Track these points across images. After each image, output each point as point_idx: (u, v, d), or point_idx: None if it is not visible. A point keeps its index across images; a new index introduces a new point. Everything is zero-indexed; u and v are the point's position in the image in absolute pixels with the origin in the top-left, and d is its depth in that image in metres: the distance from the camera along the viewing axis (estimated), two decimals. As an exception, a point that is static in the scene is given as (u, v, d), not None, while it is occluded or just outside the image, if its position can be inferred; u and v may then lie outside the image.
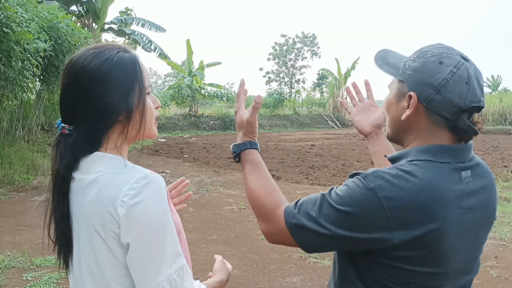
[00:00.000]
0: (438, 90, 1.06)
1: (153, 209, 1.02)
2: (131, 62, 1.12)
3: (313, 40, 54.91)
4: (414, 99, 1.09)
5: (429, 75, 1.07)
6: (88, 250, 1.07)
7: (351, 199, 1.05)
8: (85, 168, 1.09)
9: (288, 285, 4.02)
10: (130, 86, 1.10)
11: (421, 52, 1.13)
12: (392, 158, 1.17)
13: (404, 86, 1.14)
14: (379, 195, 1.02)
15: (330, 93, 32.40)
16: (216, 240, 5.29)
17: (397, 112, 1.17)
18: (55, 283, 3.95)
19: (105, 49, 1.11)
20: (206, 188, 8.26)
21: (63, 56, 9.18)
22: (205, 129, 23.52)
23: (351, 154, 13.64)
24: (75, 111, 1.10)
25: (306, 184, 8.92)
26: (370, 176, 1.06)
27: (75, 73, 1.09)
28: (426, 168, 1.06)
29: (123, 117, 1.10)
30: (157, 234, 1.02)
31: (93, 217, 1.04)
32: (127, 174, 1.05)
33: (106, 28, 18.61)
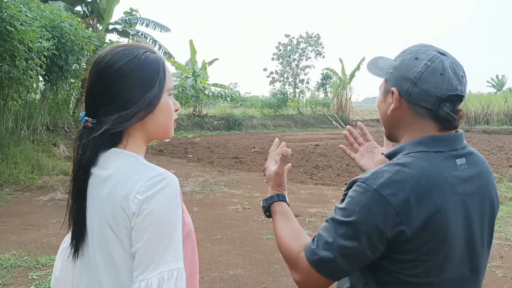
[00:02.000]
0: (415, 83, 1.15)
1: (164, 207, 1.04)
2: (156, 62, 1.16)
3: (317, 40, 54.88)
4: (396, 94, 1.19)
5: (406, 70, 1.17)
6: (102, 243, 1.10)
7: (358, 206, 1.09)
8: (103, 163, 1.12)
9: (293, 284, 4.01)
10: (153, 84, 1.14)
11: (402, 52, 1.23)
12: (389, 154, 1.24)
13: (388, 84, 1.24)
14: (384, 193, 1.07)
15: (334, 93, 32.31)
16: (220, 239, 5.29)
17: (385, 108, 1.26)
18: (60, 282, 3.96)
19: (133, 47, 1.17)
20: (211, 188, 8.27)
21: (67, 56, 9.22)
22: (209, 129, 23.52)
23: (356, 154, 13.58)
24: (98, 105, 1.13)
25: (311, 184, 8.91)
26: (370, 179, 1.10)
27: (102, 68, 1.13)
28: (421, 159, 1.13)
29: (144, 113, 1.13)
30: (164, 232, 1.04)
31: (107, 212, 1.08)
32: (142, 171, 1.08)
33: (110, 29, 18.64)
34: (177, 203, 1.07)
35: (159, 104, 1.15)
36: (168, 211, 1.04)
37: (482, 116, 28.28)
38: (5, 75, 7.08)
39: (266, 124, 26.72)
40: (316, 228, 5.73)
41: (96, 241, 1.12)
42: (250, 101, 29.24)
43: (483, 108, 28.37)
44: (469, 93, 31.97)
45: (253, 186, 8.59)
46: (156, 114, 1.15)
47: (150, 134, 1.18)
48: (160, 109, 1.15)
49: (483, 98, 30.38)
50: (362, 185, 1.10)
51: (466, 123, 26.89)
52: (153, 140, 1.23)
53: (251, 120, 26.38)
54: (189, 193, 7.80)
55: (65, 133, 12.37)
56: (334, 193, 7.96)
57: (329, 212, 6.51)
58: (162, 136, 1.20)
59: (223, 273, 4.26)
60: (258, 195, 7.72)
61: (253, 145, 15.83)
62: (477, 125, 27.10)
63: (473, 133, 23.34)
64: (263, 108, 28.61)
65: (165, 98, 1.17)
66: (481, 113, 28.42)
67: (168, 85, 1.18)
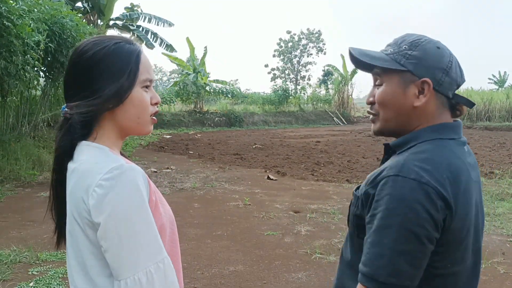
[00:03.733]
0: (447, 72, 1.16)
1: (123, 200, 1.01)
2: (128, 53, 1.14)
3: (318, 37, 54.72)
4: (430, 84, 1.15)
5: (437, 60, 1.16)
6: (72, 238, 1.10)
7: (404, 201, 1.03)
8: (74, 157, 1.12)
9: (294, 280, 4.00)
10: (121, 73, 1.12)
11: (411, 42, 1.19)
12: (398, 144, 1.22)
13: (409, 75, 1.17)
14: (424, 181, 1.04)
15: (335, 89, 32.25)
16: (221, 235, 5.27)
17: (405, 100, 1.19)
18: (60, 278, 3.95)
19: (107, 38, 1.16)
20: (212, 184, 8.25)
21: (68, 52, 9.19)
22: (210, 126, 23.52)
23: (357, 151, 13.59)
24: (70, 94, 1.14)
25: (312, 180, 8.89)
26: (403, 170, 1.07)
27: (74, 58, 1.14)
28: (441, 146, 1.14)
29: (113, 104, 1.11)
30: (129, 225, 1.01)
31: (72, 206, 1.07)
32: (103, 163, 1.06)
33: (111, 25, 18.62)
34: (139, 194, 1.03)
35: (129, 96, 1.12)
36: (129, 203, 1.01)
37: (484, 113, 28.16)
38: (2, 71, 7.05)
39: (267, 120, 26.70)
40: (318, 224, 5.72)
41: (68, 235, 1.12)
42: (251, 98, 29.21)
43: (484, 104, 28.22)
44: (470, 90, 31.88)
45: (254, 182, 8.58)
46: (126, 106, 1.12)
47: (123, 127, 1.16)
48: (131, 101, 1.13)
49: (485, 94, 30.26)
50: (399, 179, 1.06)
51: (468, 119, 26.77)
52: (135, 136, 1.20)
53: (252, 117, 26.36)
54: (190, 189, 7.79)
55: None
56: (335, 189, 7.94)
57: (330, 208, 6.50)
58: (137, 130, 1.17)
59: (223, 269, 4.25)
60: (259, 191, 7.71)
61: (254, 142, 15.82)
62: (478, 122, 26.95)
63: (474, 130, 23.27)
64: (264, 105, 28.58)
65: (137, 90, 1.14)
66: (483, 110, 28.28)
67: (142, 76, 1.14)
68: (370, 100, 1.27)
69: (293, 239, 5.13)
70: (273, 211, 6.35)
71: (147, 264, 1.01)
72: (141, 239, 1.02)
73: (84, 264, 1.08)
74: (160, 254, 1.04)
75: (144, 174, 1.08)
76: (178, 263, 1.20)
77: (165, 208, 1.18)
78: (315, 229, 5.51)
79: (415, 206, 1.02)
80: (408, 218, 1.02)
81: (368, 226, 1.09)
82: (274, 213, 6.26)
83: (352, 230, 1.24)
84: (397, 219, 1.02)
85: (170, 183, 8.27)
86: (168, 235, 1.16)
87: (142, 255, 1.01)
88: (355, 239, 1.22)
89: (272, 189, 7.94)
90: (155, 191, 1.12)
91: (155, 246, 1.04)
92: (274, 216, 6.10)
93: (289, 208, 6.59)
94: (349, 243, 1.28)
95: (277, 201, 7.03)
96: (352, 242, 1.25)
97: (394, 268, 1.02)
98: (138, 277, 1.00)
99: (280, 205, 6.77)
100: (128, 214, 1.01)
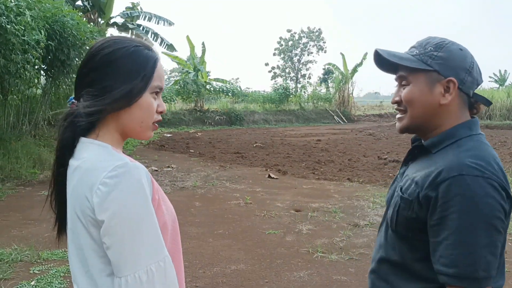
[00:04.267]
0: (469, 72, 1.25)
1: (127, 198, 1.01)
2: (146, 58, 1.15)
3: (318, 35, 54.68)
4: (455, 83, 1.24)
5: (461, 61, 1.25)
6: (73, 234, 1.10)
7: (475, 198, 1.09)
8: (76, 153, 1.11)
9: (296, 279, 3.99)
10: (135, 75, 1.12)
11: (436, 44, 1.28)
12: (433, 144, 1.28)
13: (434, 75, 1.26)
14: (486, 176, 1.12)
15: (336, 88, 32.20)
16: (222, 234, 5.27)
17: (432, 98, 1.27)
18: (62, 277, 3.95)
19: (128, 40, 1.17)
20: (213, 183, 8.25)
21: (68, 51, 9.19)
22: (210, 124, 23.49)
23: (357, 149, 13.58)
24: (81, 87, 1.13)
25: (313, 179, 8.89)
26: (465, 169, 1.13)
27: (91, 52, 1.14)
28: (479, 142, 1.24)
29: (121, 104, 1.10)
30: (132, 223, 1.01)
31: (75, 203, 1.07)
32: (107, 161, 1.05)
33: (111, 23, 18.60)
34: (143, 192, 1.03)
35: (139, 100, 1.12)
36: (133, 201, 1.01)
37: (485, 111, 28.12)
38: (2, 69, 7.03)
39: (267, 119, 26.68)
40: (319, 223, 5.71)
41: (69, 232, 1.12)
42: (251, 96, 29.19)
43: (485, 103, 28.18)
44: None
45: (255, 181, 8.57)
46: (133, 109, 1.12)
47: (125, 128, 1.15)
48: (139, 105, 1.12)
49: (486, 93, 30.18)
50: (464, 178, 1.11)
51: None
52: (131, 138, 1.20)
53: (252, 115, 26.35)
54: (191, 188, 7.78)
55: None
56: (336, 188, 7.93)
57: (331, 206, 6.49)
58: (137, 134, 1.17)
59: (225, 267, 4.24)
60: (260, 190, 7.70)
61: (254, 140, 15.81)
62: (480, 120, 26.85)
63: None
64: (265, 103, 28.56)
65: (147, 95, 1.14)
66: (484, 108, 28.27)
67: (154, 83, 1.15)
68: (395, 100, 1.35)
69: (294, 238, 5.12)
70: (274, 210, 6.34)
71: (148, 262, 1.02)
72: (143, 237, 1.02)
73: (86, 261, 1.08)
74: (162, 252, 1.05)
75: (147, 173, 1.08)
76: (180, 261, 1.21)
77: (167, 207, 1.17)
78: (316, 228, 5.50)
79: (489, 200, 1.09)
80: (485, 213, 1.09)
81: (436, 228, 1.15)
82: (275, 211, 6.26)
83: (404, 232, 1.29)
84: (475, 216, 1.09)
85: (171, 182, 8.26)
86: (170, 234, 1.16)
87: (143, 253, 1.02)
88: (407, 241, 1.28)
89: (273, 188, 7.93)
90: (158, 190, 1.12)
91: (157, 245, 1.04)
92: (275, 215, 6.09)
93: (290, 206, 6.59)
94: (396, 244, 1.32)
95: (278, 199, 7.03)
96: (403, 244, 1.30)
97: (484, 262, 1.08)
98: (138, 275, 1.00)
99: (281, 203, 6.76)
100: (132, 212, 1.01)
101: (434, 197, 1.15)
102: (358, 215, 6.10)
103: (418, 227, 1.22)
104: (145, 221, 1.03)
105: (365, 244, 4.91)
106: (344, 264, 4.33)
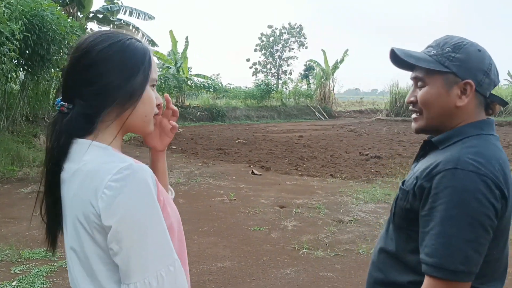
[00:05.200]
0: (487, 74, 1.24)
1: (135, 201, 0.96)
2: (142, 50, 1.10)
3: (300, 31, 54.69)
4: (472, 85, 1.23)
5: (479, 62, 1.24)
6: (75, 241, 1.03)
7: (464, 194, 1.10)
8: (73, 156, 1.05)
9: (283, 276, 3.99)
10: (136, 71, 1.07)
11: (454, 44, 1.26)
12: (441, 140, 1.29)
13: (451, 76, 1.26)
14: (481, 172, 1.12)
15: (317, 84, 32.33)
16: (207, 231, 5.23)
17: (449, 100, 1.27)
18: (44, 276, 3.87)
19: (119, 33, 1.11)
20: (196, 180, 8.19)
21: (48, 45, 8.98)
22: (192, 120, 23.37)
23: (339, 145, 13.66)
24: (76, 87, 1.06)
25: (296, 175, 8.90)
26: (461, 163, 1.14)
27: (83, 49, 1.06)
28: (486, 141, 1.23)
29: (122, 100, 1.05)
30: (140, 227, 0.97)
31: (77, 209, 1.00)
32: (110, 164, 1.00)
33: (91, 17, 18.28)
34: (149, 195, 0.99)
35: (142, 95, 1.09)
36: (141, 204, 0.97)
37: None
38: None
39: (249, 115, 26.66)
40: (304, 219, 5.72)
41: (70, 239, 1.05)
42: (233, 92, 29.11)
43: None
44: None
45: (238, 177, 8.54)
46: (134, 101, 1.08)
47: (128, 125, 1.10)
48: (142, 100, 1.09)
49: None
50: (458, 171, 1.12)
51: None
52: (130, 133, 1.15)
53: (234, 111, 26.28)
54: (174, 185, 7.71)
55: (46, 124, 12.11)
56: (320, 184, 7.96)
57: (315, 202, 6.51)
58: (141, 129, 1.13)
59: (211, 265, 4.21)
60: (244, 187, 7.68)
61: (237, 136, 15.77)
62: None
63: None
64: (247, 99, 28.51)
65: (148, 89, 1.11)
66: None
67: (152, 76, 1.12)
68: (410, 100, 1.35)
69: (280, 235, 5.12)
70: (258, 206, 6.33)
71: (158, 267, 0.97)
72: (152, 241, 0.98)
73: (91, 269, 1.02)
74: (171, 256, 1.01)
75: (152, 174, 1.03)
76: (186, 262, 1.17)
77: (172, 208, 1.14)
78: (301, 224, 5.51)
79: (478, 196, 1.09)
80: (472, 208, 1.09)
81: (426, 218, 1.16)
82: (260, 208, 6.25)
83: (400, 223, 1.31)
84: (462, 209, 1.09)
85: (154, 179, 8.16)
86: (176, 236, 1.12)
87: (153, 258, 0.97)
88: (403, 232, 1.30)
89: (257, 184, 7.91)
90: (162, 191, 1.07)
91: (166, 248, 1.00)
92: (260, 212, 6.08)
93: (275, 203, 6.58)
94: (394, 235, 1.34)
95: (263, 196, 7.02)
96: (399, 234, 1.32)
97: (463, 256, 1.08)
98: (148, 281, 0.96)
99: (265, 200, 6.75)
100: (140, 216, 0.97)
101: (427, 188, 1.17)
102: (342, 211, 6.13)
103: (412, 217, 1.24)
104: (153, 225, 0.98)
105: (350, 240, 4.93)
106: (330, 261, 4.35)
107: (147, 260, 0.97)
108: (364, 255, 4.47)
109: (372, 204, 6.54)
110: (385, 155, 11.38)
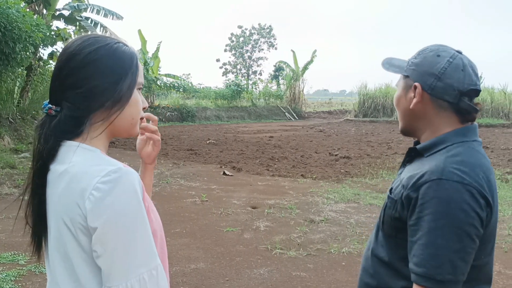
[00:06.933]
0: (439, 78, 1.25)
1: (122, 204, 0.97)
2: (129, 54, 1.12)
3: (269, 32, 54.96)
4: (419, 88, 1.28)
5: (430, 66, 1.27)
6: (59, 242, 1.04)
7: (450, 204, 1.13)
8: (60, 158, 1.05)
9: (256, 276, 4.02)
10: (124, 74, 1.09)
11: (421, 50, 1.33)
12: (426, 147, 1.31)
13: (409, 80, 1.32)
14: (465, 182, 1.14)
15: (287, 85, 32.56)
16: (180, 233, 5.21)
17: (406, 103, 1.34)
18: (13, 281, 3.77)
19: (105, 37, 1.12)
20: (167, 181, 8.13)
21: (14, 44, 8.75)
22: (161, 121, 23.11)
23: (309, 146, 13.81)
24: (64, 90, 1.07)
25: (267, 175, 8.95)
26: (446, 173, 1.16)
27: (71, 52, 1.07)
28: (470, 148, 1.24)
29: (110, 103, 1.07)
30: (126, 230, 0.98)
31: (62, 210, 1.01)
32: (99, 166, 1.01)
33: (57, 15, 17.85)
34: (137, 199, 1.00)
35: None
36: (128, 208, 0.98)
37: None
38: None
39: (219, 115, 26.60)
40: (276, 219, 5.77)
41: (53, 240, 1.05)
42: (203, 92, 28.99)
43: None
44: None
45: (210, 178, 8.53)
46: (122, 104, 1.09)
47: (115, 128, 1.11)
48: (129, 102, 1.10)
49: None
50: (443, 182, 1.14)
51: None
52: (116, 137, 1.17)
53: (204, 112, 26.18)
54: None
55: (10, 124, 11.74)
56: (291, 185, 8.03)
57: (287, 203, 6.58)
58: (127, 131, 1.15)
59: (184, 267, 4.20)
60: (216, 187, 7.67)
61: (207, 137, 15.72)
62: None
63: None
64: (217, 100, 28.44)
65: (135, 92, 1.12)
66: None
67: (139, 79, 1.14)
68: None
69: (252, 235, 5.15)
70: (231, 207, 6.34)
71: (141, 271, 0.98)
72: (137, 244, 0.99)
73: (74, 271, 1.02)
74: (154, 261, 1.02)
75: (139, 179, 1.04)
76: (167, 270, 1.18)
77: (155, 215, 1.15)
78: (273, 225, 5.56)
79: (464, 207, 1.12)
80: (458, 218, 1.11)
81: (413, 228, 1.18)
82: (232, 209, 6.26)
83: (390, 231, 1.33)
84: (448, 220, 1.12)
85: (124, 180, 8.05)
86: (159, 242, 1.13)
87: (137, 261, 0.98)
88: (392, 240, 1.32)
89: (228, 185, 7.92)
90: (146, 198, 1.08)
91: (149, 252, 1.01)
92: (232, 212, 6.09)
93: (247, 203, 6.61)
94: (384, 243, 1.37)
95: (234, 197, 7.03)
96: (389, 242, 1.35)
97: (451, 266, 1.11)
98: (131, 284, 0.97)
99: (237, 201, 6.77)
100: (127, 219, 0.97)
101: (414, 198, 1.19)
102: (313, 211, 6.21)
103: (400, 226, 1.26)
104: (139, 228, 0.99)
105: (322, 239, 5.01)
106: (303, 260, 4.41)
107: (130, 263, 0.98)
108: (335, 254, 4.55)
109: (342, 204, 6.65)
110: (354, 155, 11.58)
